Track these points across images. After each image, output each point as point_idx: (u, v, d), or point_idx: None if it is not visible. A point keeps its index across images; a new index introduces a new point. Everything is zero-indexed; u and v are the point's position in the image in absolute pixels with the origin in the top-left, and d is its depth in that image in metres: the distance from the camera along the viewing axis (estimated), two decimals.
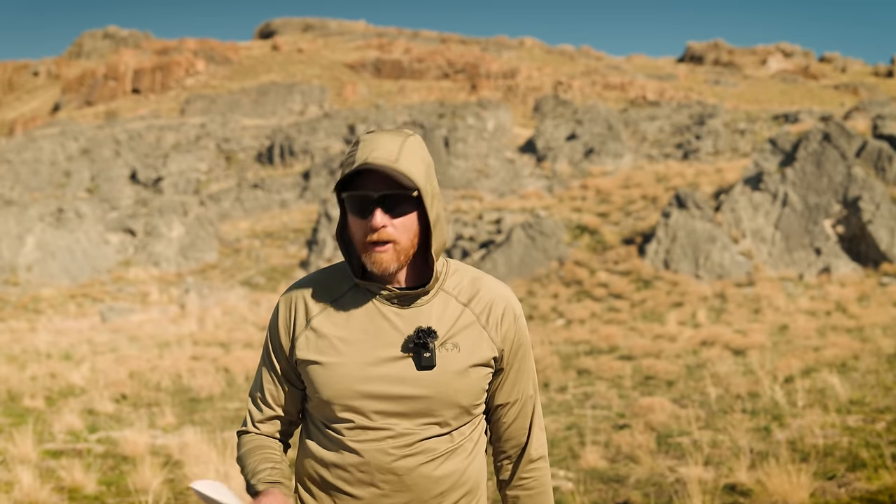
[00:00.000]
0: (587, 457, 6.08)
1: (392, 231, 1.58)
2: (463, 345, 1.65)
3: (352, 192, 1.60)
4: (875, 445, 5.88)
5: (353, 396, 1.62)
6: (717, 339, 12.81)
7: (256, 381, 1.78)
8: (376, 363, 1.62)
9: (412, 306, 1.65)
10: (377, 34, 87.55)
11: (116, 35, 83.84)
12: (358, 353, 1.63)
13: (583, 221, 24.45)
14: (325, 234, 27.13)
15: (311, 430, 1.72)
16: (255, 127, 48.66)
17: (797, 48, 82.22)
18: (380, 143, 1.60)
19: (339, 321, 1.66)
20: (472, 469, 1.71)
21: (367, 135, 1.65)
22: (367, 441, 1.62)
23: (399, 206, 1.59)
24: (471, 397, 1.66)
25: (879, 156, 22.39)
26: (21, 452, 6.47)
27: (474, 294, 1.70)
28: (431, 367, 1.61)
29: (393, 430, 1.62)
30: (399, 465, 1.61)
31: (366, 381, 1.61)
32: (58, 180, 39.93)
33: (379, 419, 1.62)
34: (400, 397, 1.62)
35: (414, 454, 1.62)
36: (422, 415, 1.62)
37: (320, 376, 1.64)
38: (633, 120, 43.57)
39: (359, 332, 1.65)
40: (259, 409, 1.77)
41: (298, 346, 1.67)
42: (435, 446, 1.64)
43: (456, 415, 1.65)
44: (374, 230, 1.57)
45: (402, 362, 1.62)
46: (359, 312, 1.66)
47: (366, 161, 1.57)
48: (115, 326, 19.47)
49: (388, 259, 1.59)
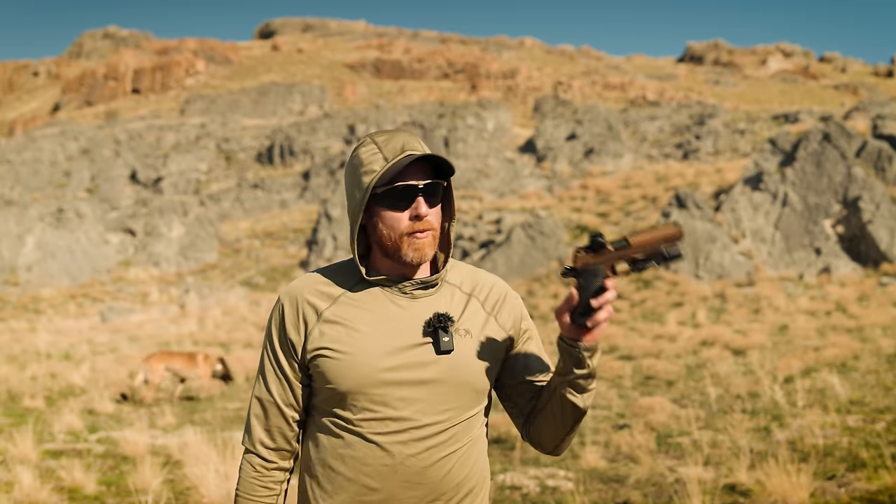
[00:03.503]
0: (587, 457, 6.08)
1: (432, 219, 1.66)
2: (475, 332, 1.70)
3: (392, 184, 1.63)
4: (875, 445, 5.88)
5: (375, 385, 1.63)
6: (717, 339, 12.82)
7: (263, 384, 1.75)
8: (396, 351, 1.64)
9: (423, 297, 1.69)
10: (377, 34, 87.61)
11: (116, 35, 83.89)
12: (376, 341, 1.65)
13: (583, 221, 24.46)
14: (325, 234, 27.13)
15: (322, 424, 1.70)
16: (255, 127, 48.68)
17: (797, 48, 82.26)
18: (402, 138, 1.67)
19: (353, 312, 1.68)
20: (481, 461, 1.74)
21: (376, 134, 1.69)
22: (391, 433, 1.62)
23: (435, 195, 1.67)
24: (484, 383, 1.70)
25: (879, 156, 22.39)
26: (21, 452, 6.48)
27: (475, 284, 1.76)
28: (450, 351, 1.65)
29: (417, 421, 1.63)
30: (424, 456, 1.63)
31: (387, 369, 1.63)
32: (58, 180, 39.94)
33: (402, 407, 1.63)
34: (422, 382, 1.63)
35: (437, 445, 1.64)
36: (443, 402, 1.64)
37: (339, 367, 1.64)
38: (633, 120, 43.58)
39: (374, 322, 1.66)
40: (267, 417, 1.74)
41: (312, 339, 1.67)
42: (455, 436, 1.66)
43: (472, 401, 1.68)
44: (421, 218, 1.63)
45: (421, 348, 1.65)
46: (371, 303, 1.69)
47: (406, 150, 1.63)
48: (115, 326, 19.47)
49: (427, 245, 1.65)
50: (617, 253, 1.57)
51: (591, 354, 1.58)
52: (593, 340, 1.58)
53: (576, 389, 1.62)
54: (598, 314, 1.55)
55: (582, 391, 1.62)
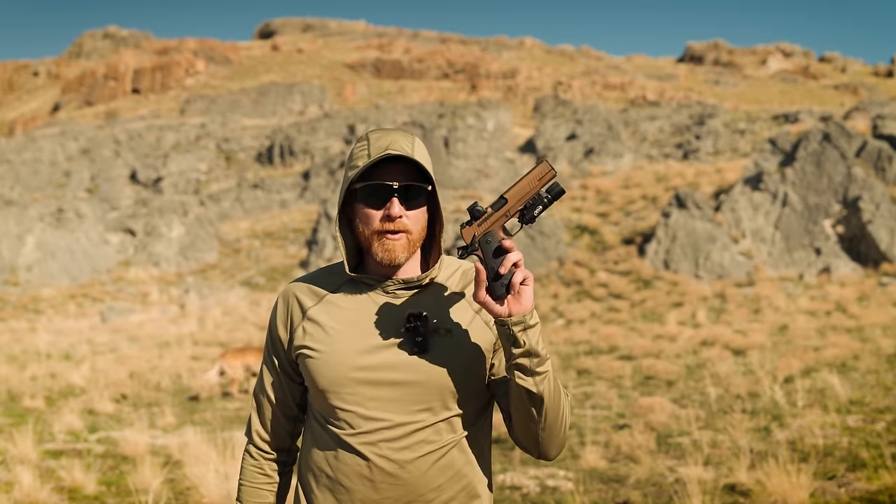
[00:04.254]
0: (587, 457, 6.08)
1: (407, 222, 1.64)
2: (456, 330, 1.67)
3: (369, 181, 1.64)
4: (875, 445, 5.88)
5: (347, 384, 1.63)
6: (717, 339, 12.82)
7: (259, 378, 1.82)
8: (370, 350, 1.64)
9: (406, 296, 1.69)
10: (377, 34, 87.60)
11: (116, 35, 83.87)
12: (351, 340, 1.66)
13: (583, 221, 24.45)
14: (325, 234, 27.14)
15: (312, 424, 1.74)
16: (255, 127, 48.66)
17: (797, 48, 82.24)
18: (393, 137, 1.66)
19: (334, 311, 1.70)
20: (471, 464, 1.70)
21: (374, 131, 1.69)
22: (362, 433, 1.63)
23: (415, 198, 1.65)
24: (466, 382, 1.66)
25: (879, 156, 22.39)
26: (21, 452, 6.48)
27: (466, 284, 1.74)
28: (424, 352, 1.63)
29: (389, 421, 1.62)
30: (396, 457, 1.62)
31: (360, 368, 1.63)
32: (58, 180, 39.93)
33: (374, 408, 1.63)
34: (395, 383, 1.63)
35: (410, 446, 1.62)
36: (417, 402, 1.63)
37: (316, 365, 1.66)
38: (633, 120, 43.57)
39: (352, 321, 1.68)
40: (261, 410, 1.81)
41: (296, 337, 1.71)
42: (431, 437, 1.64)
43: (451, 403, 1.66)
44: (392, 219, 1.62)
45: (395, 349, 1.64)
46: (353, 303, 1.70)
47: (389, 149, 1.61)
48: (115, 326, 19.47)
49: (399, 248, 1.64)
50: (499, 212, 1.55)
51: (523, 328, 1.51)
52: (524, 309, 1.51)
53: (523, 372, 1.54)
54: (514, 277, 1.50)
55: (530, 373, 1.54)
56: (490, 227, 1.55)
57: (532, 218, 1.55)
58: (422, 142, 1.71)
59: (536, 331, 1.54)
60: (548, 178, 1.54)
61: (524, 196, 1.55)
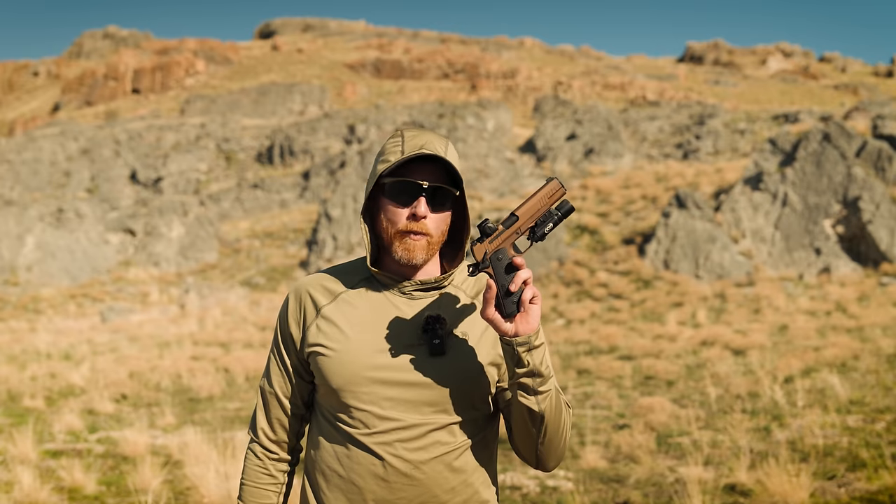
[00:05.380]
0: (587, 457, 6.08)
1: (429, 223, 1.63)
2: (472, 335, 1.67)
3: (400, 177, 1.63)
4: (875, 445, 5.88)
5: (362, 383, 1.63)
6: (717, 339, 12.81)
7: (266, 376, 1.80)
8: (386, 350, 1.64)
9: (422, 298, 1.68)
10: (377, 34, 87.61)
11: (116, 35, 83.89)
12: (367, 339, 1.65)
13: (583, 221, 24.44)
14: (325, 234, 27.13)
15: (321, 423, 1.72)
16: (255, 127, 48.66)
17: (797, 48, 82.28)
18: (428, 137, 1.65)
19: (350, 310, 1.68)
20: (482, 468, 1.71)
21: (408, 129, 1.68)
22: (377, 433, 1.62)
23: (442, 202, 1.64)
24: (479, 387, 1.67)
25: (879, 156, 22.39)
26: (21, 452, 6.48)
27: (480, 289, 1.74)
28: (442, 354, 1.63)
29: (404, 422, 1.62)
30: (411, 457, 1.61)
31: (376, 368, 1.63)
32: (58, 180, 39.92)
33: (390, 408, 1.62)
34: (411, 384, 1.62)
35: (425, 446, 1.62)
36: (432, 404, 1.63)
37: (330, 364, 1.65)
38: (633, 120, 43.57)
39: (368, 320, 1.67)
40: (268, 409, 1.79)
41: (310, 335, 1.69)
42: (446, 439, 1.64)
43: (466, 406, 1.66)
44: (417, 218, 1.62)
45: (412, 350, 1.64)
46: (369, 302, 1.69)
47: (424, 149, 1.60)
48: (115, 326, 19.46)
49: (419, 249, 1.63)
50: (510, 230, 1.56)
51: (528, 349, 1.52)
52: (531, 329, 1.52)
53: (525, 391, 1.56)
54: (523, 294, 1.51)
55: (532, 392, 1.55)
56: (501, 244, 1.56)
57: (542, 235, 1.55)
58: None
59: (541, 351, 1.55)
60: (558, 195, 1.56)
61: (535, 213, 1.56)
